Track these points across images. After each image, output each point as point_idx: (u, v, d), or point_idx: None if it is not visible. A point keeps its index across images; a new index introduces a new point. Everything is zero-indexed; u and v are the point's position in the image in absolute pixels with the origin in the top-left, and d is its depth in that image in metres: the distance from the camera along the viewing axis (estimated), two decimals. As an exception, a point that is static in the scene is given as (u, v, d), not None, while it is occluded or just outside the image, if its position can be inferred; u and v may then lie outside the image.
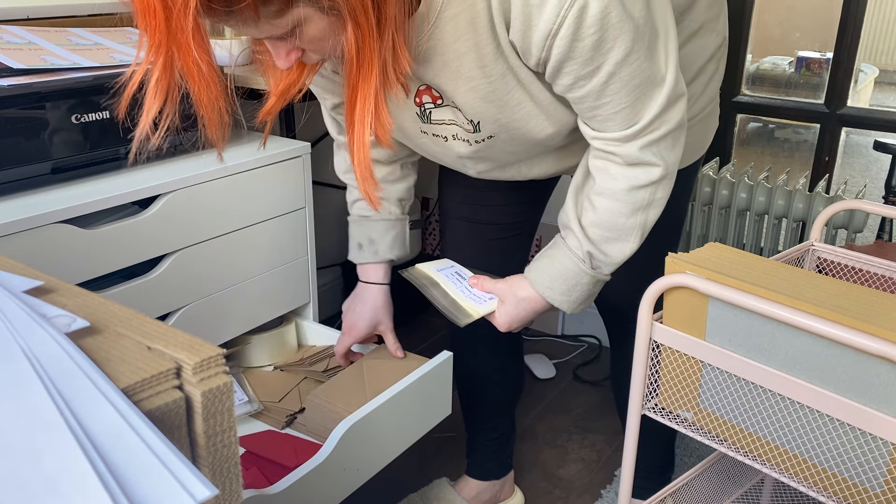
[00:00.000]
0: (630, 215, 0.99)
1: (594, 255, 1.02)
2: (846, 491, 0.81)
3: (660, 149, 0.95)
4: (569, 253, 1.03)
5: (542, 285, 1.05)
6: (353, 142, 0.88)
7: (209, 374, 0.44)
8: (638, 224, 1.00)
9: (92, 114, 1.10)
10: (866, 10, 1.93)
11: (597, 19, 0.81)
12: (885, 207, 1.14)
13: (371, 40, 0.79)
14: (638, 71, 0.88)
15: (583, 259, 1.02)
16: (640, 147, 0.94)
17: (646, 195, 0.98)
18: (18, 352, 0.42)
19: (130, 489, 0.34)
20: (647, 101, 0.91)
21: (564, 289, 1.04)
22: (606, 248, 1.01)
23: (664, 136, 0.94)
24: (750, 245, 1.95)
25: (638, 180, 0.96)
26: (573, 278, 1.03)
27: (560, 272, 1.04)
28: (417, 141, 1.08)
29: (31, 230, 0.99)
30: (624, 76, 0.87)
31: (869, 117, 2.04)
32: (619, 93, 0.89)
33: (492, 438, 1.51)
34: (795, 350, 0.81)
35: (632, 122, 0.92)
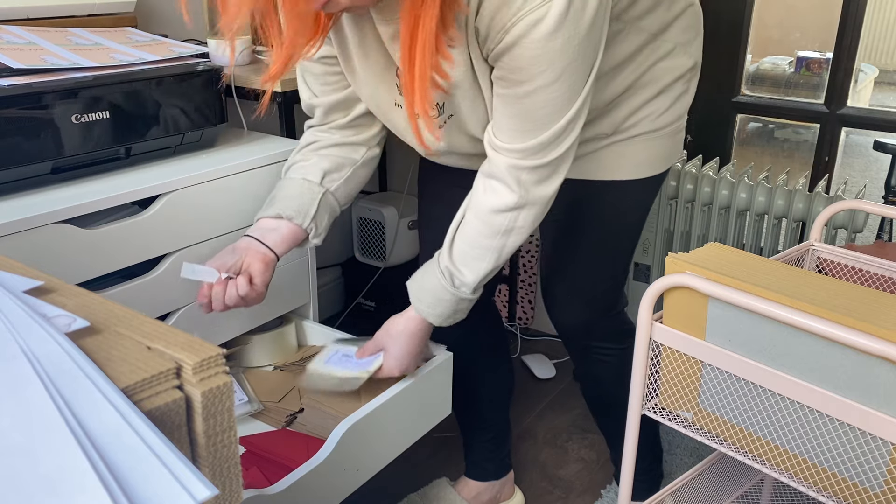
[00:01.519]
0: (490, 237, 1.03)
1: (453, 273, 1.06)
2: (846, 491, 0.81)
3: (527, 178, 0.98)
4: (437, 268, 1.07)
5: (414, 296, 1.10)
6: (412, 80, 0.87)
7: (209, 374, 0.44)
8: (496, 246, 1.04)
9: (92, 114, 1.10)
10: (866, 10, 1.93)
11: (543, 37, 0.85)
12: (885, 207, 1.14)
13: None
14: (550, 102, 0.91)
15: (444, 275, 1.06)
16: (507, 166, 0.98)
17: (505, 221, 1.02)
18: (18, 352, 0.42)
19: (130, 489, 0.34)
20: (539, 131, 0.94)
21: (430, 301, 1.08)
22: (462, 267, 1.05)
23: (534, 169, 0.97)
24: (750, 245, 1.95)
25: (495, 203, 1.00)
26: (437, 292, 1.07)
27: (428, 286, 1.08)
28: (388, 114, 1.09)
29: (31, 230, 0.99)
30: (538, 100, 0.91)
31: (869, 117, 2.04)
32: (524, 113, 0.93)
33: (487, 439, 1.51)
34: (795, 350, 0.81)
35: (515, 141, 0.95)
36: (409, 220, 2.17)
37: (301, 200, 1.14)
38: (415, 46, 0.86)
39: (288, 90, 1.42)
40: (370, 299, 2.23)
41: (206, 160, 1.25)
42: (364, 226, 2.19)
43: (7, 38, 1.19)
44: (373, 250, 2.20)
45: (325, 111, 1.17)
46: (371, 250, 2.20)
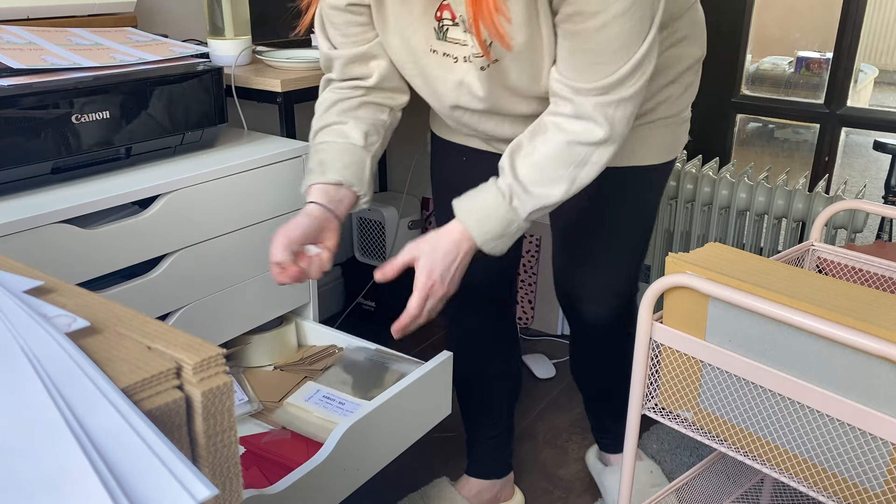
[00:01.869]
0: (563, 167, 1.01)
1: (515, 191, 1.02)
2: (846, 491, 0.81)
3: (613, 112, 0.98)
4: (493, 187, 1.04)
5: (461, 209, 1.05)
6: None
7: (209, 374, 0.44)
8: (568, 177, 1.02)
9: (92, 114, 1.10)
10: (866, 10, 1.93)
11: None
12: (884, 207, 1.14)
13: None
14: (626, 31, 0.92)
15: (503, 192, 1.03)
16: (594, 104, 0.97)
17: (583, 152, 1.01)
18: (18, 352, 0.42)
19: (130, 489, 0.34)
20: (618, 64, 0.94)
21: (479, 216, 1.03)
22: (530, 189, 1.02)
23: (620, 103, 0.97)
24: (750, 245, 1.95)
25: (579, 135, 0.99)
26: (490, 208, 1.03)
27: (480, 201, 1.04)
28: (422, 61, 1.07)
29: (31, 230, 0.99)
30: (614, 30, 0.92)
31: (869, 117, 2.04)
32: (603, 45, 0.93)
33: (492, 436, 1.51)
34: (795, 350, 0.81)
35: (598, 79, 0.96)
36: (409, 220, 2.17)
37: (356, 167, 1.13)
38: None
39: (288, 90, 1.42)
40: (370, 299, 2.23)
41: (206, 160, 1.25)
42: (364, 226, 2.19)
43: (7, 38, 1.19)
44: (373, 250, 2.20)
45: (344, 64, 1.14)
46: (371, 250, 2.20)
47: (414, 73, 1.10)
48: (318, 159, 1.13)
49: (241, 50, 1.50)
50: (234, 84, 1.43)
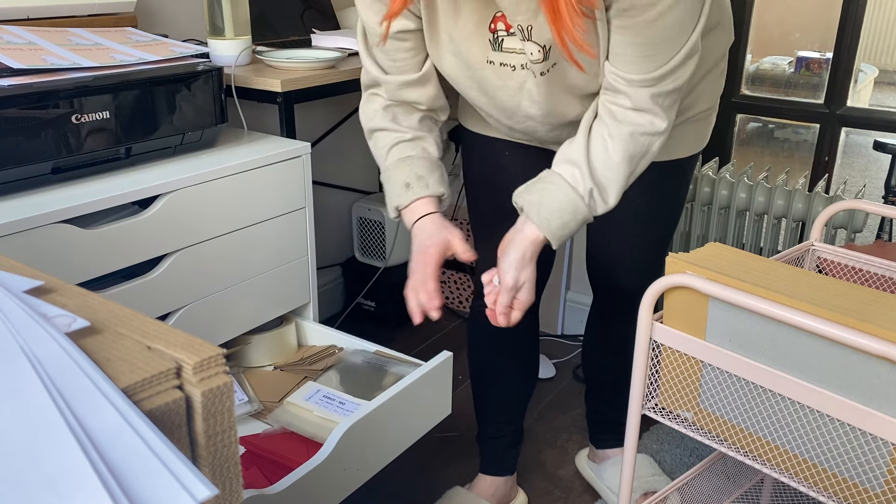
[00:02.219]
0: (629, 160, 1.03)
1: (594, 194, 1.03)
2: (846, 491, 0.81)
3: (666, 103, 1.00)
4: (568, 188, 1.03)
5: (539, 216, 1.05)
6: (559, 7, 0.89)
7: (209, 374, 0.44)
8: (629, 171, 1.04)
9: (92, 114, 1.10)
10: (866, 10, 1.93)
11: None
12: (884, 207, 1.14)
13: None
14: (677, 22, 0.93)
15: (583, 196, 1.03)
16: (650, 95, 0.99)
17: (645, 143, 1.02)
18: (18, 352, 0.42)
19: (130, 489, 0.34)
20: (671, 53, 0.96)
21: (559, 223, 1.04)
22: (608, 189, 1.04)
23: (671, 92, 0.99)
24: (750, 245, 1.95)
25: (643, 127, 1.01)
26: (569, 213, 1.04)
27: (558, 207, 1.04)
28: (479, 73, 1.07)
29: (31, 230, 0.99)
30: (668, 22, 0.92)
31: (869, 117, 2.04)
32: (655, 37, 0.94)
33: (508, 432, 1.52)
34: (795, 350, 0.81)
35: (652, 69, 0.97)
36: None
37: (445, 178, 1.17)
38: None
39: (288, 90, 1.42)
40: (370, 299, 2.23)
41: (206, 160, 1.25)
42: (364, 226, 2.19)
43: (7, 38, 1.19)
44: (373, 250, 2.20)
45: (396, 88, 1.14)
46: (371, 250, 2.20)
47: (470, 85, 1.11)
48: (415, 174, 1.15)
49: (241, 50, 1.50)
50: (234, 84, 1.43)
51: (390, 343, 1.29)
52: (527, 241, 1.06)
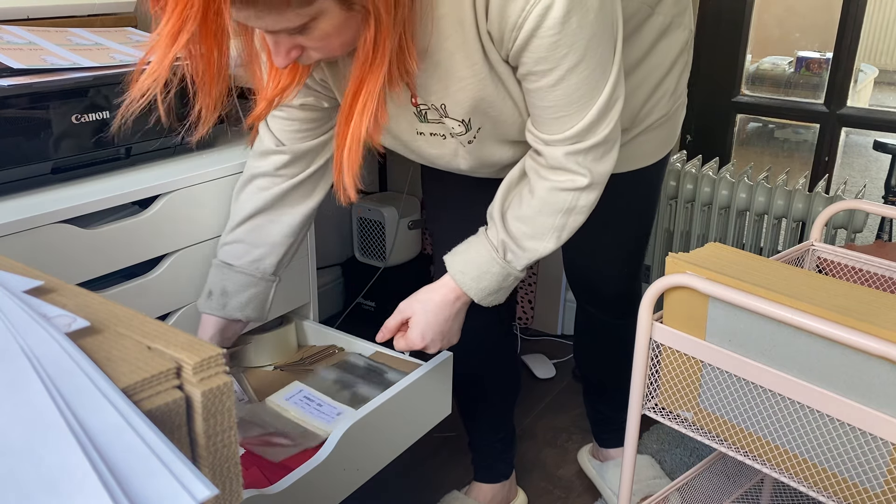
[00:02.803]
0: (551, 215, 1.01)
1: (508, 246, 1.03)
2: (846, 491, 0.81)
3: (586, 159, 0.97)
4: (486, 241, 1.04)
5: (455, 268, 1.06)
6: (346, 135, 0.89)
7: (209, 374, 0.44)
8: (557, 226, 1.02)
9: (92, 114, 1.10)
10: (866, 10, 1.93)
11: (557, 22, 0.85)
12: (884, 207, 1.14)
13: (388, 37, 0.81)
14: (583, 82, 0.90)
15: (496, 248, 1.03)
16: (564, 154, 0.96)
17: (568, 198, 1.00)
18: (18, 351, 0.42)
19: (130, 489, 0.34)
20: (582, 112, 0.93)
21: (475, 274, 1.04)
22: (523, 243, 1.03)
23: (591, 148, 0.96)
24: (750, 245, 1.95)
25: (562, 183, 0.99)
26: (484, 265, 1.04)
27: (473, 258, 1.05)
28: (413, 144, 1.08)
29: (31, 230, 0.99)
30: (571, 84, 0.90)
31: (869, 117, 2.04)
32: (561, 100, 0.92)
33: (497, 439, 1.51)
34: (795, 350, 0.81)
35: (563, 130, 0.95)
36: (409, 220, 2.17)
37: (259, 299, 1.18)
38: (355, 104, 0.86)
39: (288, 90, 1.41)
40: (370, 299, 2.23)
41: (206, 160, 1.25)
42: (364, 226, 2.19)
43: (7, 38, 1.19)
44: (373, 250, 2.20)
45: (289, 160, 1.13)
46: (371, 250, 2.20)
47: (407, 151, 1.11)
48: (221, 287, 1.14)
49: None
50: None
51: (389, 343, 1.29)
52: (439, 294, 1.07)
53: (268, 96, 0.95)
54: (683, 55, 1.19)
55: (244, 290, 1.15)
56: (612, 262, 1.34)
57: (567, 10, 0.84)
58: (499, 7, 0.86)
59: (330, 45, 0.83)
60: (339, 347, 1.39)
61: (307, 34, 0.81)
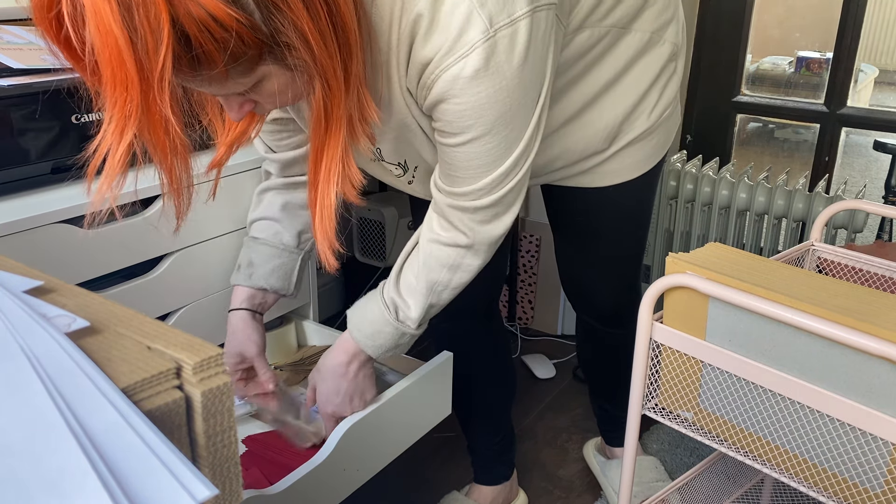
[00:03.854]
0: (437, 269, 0.99)
1: (399, 305, 1.03)
2: (846, 491, 0.81)
3: (471, 218, 0.95)
4: (380, 299, 1.04)
5: (352, 323, 1.06)
6: (315, 202, 0.87)
7: (209, 374, 0.44)
8: (441, 281, 1.00)
9: (92, 114, 1.10)
10: (866, 10, 1.93)
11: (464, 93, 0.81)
12: (885, 207, 1.14)
13: (339, 97, 0.78)
14: (483, 153, 0.88)
15: (388, 307, 1.02)
16: (447, 205, 0.95)
17: (453, 254, 0.98)
18: (18, 351, 0.42)
19: (130, 489, 0.34)
20: (475, 179, 0.91)
21: (370, 332, 1.04)
22: (409, 299, 1.02)
23: (476, 210, 0.94)
24: (750, 245, 1.95)
25: (442, 238, 0.98)
26: (378, 324, 1.03)
27: (368, 316, 1.04)
28: (372, 169, 1.07)
29: (31, 230, 0.99)
30: (471, 152, 0.88)
31: (869, 117, 2.04)
32: (460, 162, 0.90)
33: (496, 442, 1.50)
34: (795, 350, 0.81)
35: (453, 185, 0.93)
36: (409, 220, 2.17)
37: (284, 270, 1.17)
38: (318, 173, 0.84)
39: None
40: (370, 299, 2.23)
41: (205, 160, 1.24)
42: (364, 226, 2.19)
43: (7, 38, 1.19)
44: (373, 250, 2.20)
45: (282, 167, 1.16)
46: (371, 250, 2.20)
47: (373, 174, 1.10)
48: (248, 259, 1.17)
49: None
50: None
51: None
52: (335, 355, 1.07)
53: (227, 141, 0.94)
54: (667, 69, 1.13)
55: (268, 261, 1.16)
56: (607, 275, 1.32)
57: (477, 79, 0.80)
58: (414, 64, 0.83)
59: (281, 100, 0.80)
60: (339, 347, 1.39)
61: (257, 91, 0.78)
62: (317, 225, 0.88)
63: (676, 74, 1.18)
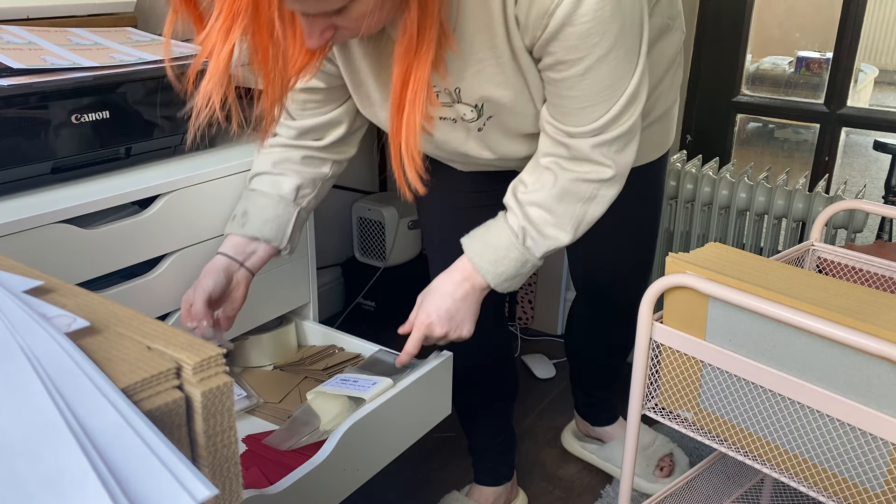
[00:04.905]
0: (571, 204, 1.00)
1: (528, 233, 1.02)
2: (846, 491, 0.81)
3: (610, 151, 0.97)
4: (505, 226, 1.03)
5: (473, 251, 1.04)
6: (401, 127, 0.87)
7: (209, 374, 0.44)
8: (577, 214, 1.01)
9: (92, 114, 1.10)
10: (866, 10, 1.93)
11: (591, 9, 0.84)
12: (885, 207, 1.14)
13: (433, 19, 0.80)
14: (612, 71, 0.90)
15: (516, 234, 1.02)
16: (591, 146, 0.96)
17: (590, 189, 1.00)
18: (18, 351, 0.42)
19: (130, 489, 0.34)
20: (609, 102, 0.93)
21: (493, 258, 1.03)
22: (544, 230, 1.02)
23: (616, 139, 0.96)
24: (750, 245, 1.95)
25: (585, 175, 0.99)
26: (503, 250, 1.02)
27: (492, 241, 1.03)
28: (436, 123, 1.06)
29: (31, 230, 0.99)
30: (600, 73, 0.90)
31: (869, 117, 2.04)
32: (589, 90, 0.91)
33: (497, 443, 1.50)
34: (795, 350, 0.81)
35: (589, 121, 0.94)
36: (409, 220, 2.17)
37: (279, 221, 1.14)
38: (405, 94, 0.85)
39: (288, 90, 1.41)
40: (370, 299, 2.23)
41: (206, 160, 1.25)
42: (364, 226, 2.19)
43: (7, 38, 1.19)
44: (373, 250, 2.20)
45: (299, 133, 1.14)
46: (371, 250, 2.20)
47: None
48: (243, 209, 1.14)
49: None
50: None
51: (390, 343, 1.29)
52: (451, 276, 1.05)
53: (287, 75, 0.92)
54: (678, 57, 1.20)
55: (264, 212, 1.13)
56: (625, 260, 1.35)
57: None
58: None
59: (364, 25, 0.81)
60: (340, 347, 1.39)
61: (344, 14, 0.79)
62: (402, 151, 0.88)
63: (681, 65, 1.24)
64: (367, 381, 1.15)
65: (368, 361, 1.25)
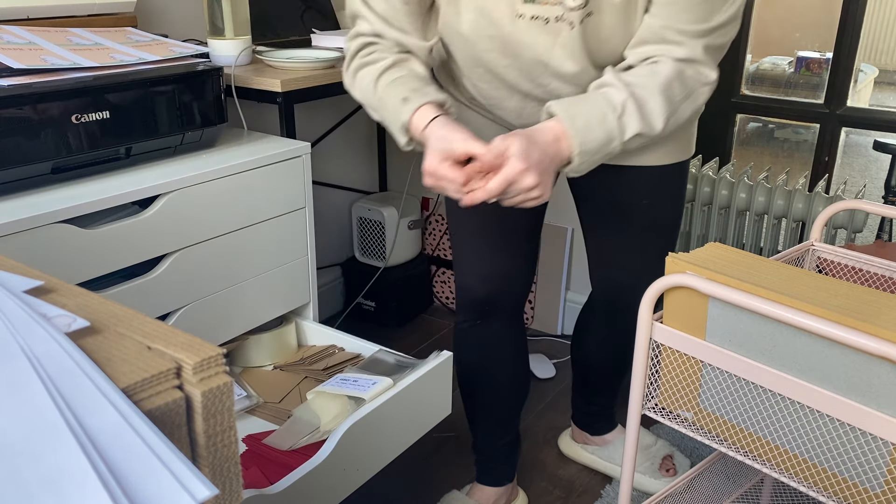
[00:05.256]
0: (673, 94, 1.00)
1: (627, 108, 0.98)
2: (846, 491, 0.81)
3: (715, 57, 1.01)
4: (601, 99, 0.99)
5: (564, 112, 0.98)
6: None
7: (209, 374, 0.44)
8: (674, 106, 1.01)
9: (92, 114, 1.10)
10: (866, 10, 1.93)
11: None
12: (885, 207, 1.14)
13: None
14: None
15: (615, 107, 0.98)
16: (703, 47, 0.99)
17: (690, 85, 1.02)
18: (18, 351, 0.42)
19: (130, 489, 0.34)
20: (725, 3, 0.97)
21: (583, 123, 0.97)
22: (644, 108, 0.98)
23: (719, 48, 1.00)
24: (750, 245, 1.95)
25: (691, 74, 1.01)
26: (597, 118, 0.97)
27: (586, 109, 0.98)
28: (505, 30, 1.03)
29: (31, 230, 0.99)
30: None
31: (869, 117, 2.04)
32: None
33: (505, 443, 1.50)
34: (795, 350, 0.81)
35: (705, 20, 0.97)
36: (409, 220, 2.17)
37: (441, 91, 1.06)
38: None
39: (288, 90, 1.42)
40: (370, 299, 2.23)
41: (206, 160, 1.25)
42: (364, 226, 2.19)
43: (7, 38, 1.19)
44: (373, 250, 2.20)
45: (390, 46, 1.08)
46: (371, 250, 2.20)
47: (490, 47, 1.05)
48: (410, 87, 1.04)
49: (240, 50, 1.50)
50: (234, 84, 1.43)
51: (390, 343, 1.29)
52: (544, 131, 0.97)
53: None
54: None
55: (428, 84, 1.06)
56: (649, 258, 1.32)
57: None
58: None
59: None
60: (340, 347, 1.39)
61: None
62: None
63: None
64: (367, 380, 1.16)
65: (368, 361, 1.26)
